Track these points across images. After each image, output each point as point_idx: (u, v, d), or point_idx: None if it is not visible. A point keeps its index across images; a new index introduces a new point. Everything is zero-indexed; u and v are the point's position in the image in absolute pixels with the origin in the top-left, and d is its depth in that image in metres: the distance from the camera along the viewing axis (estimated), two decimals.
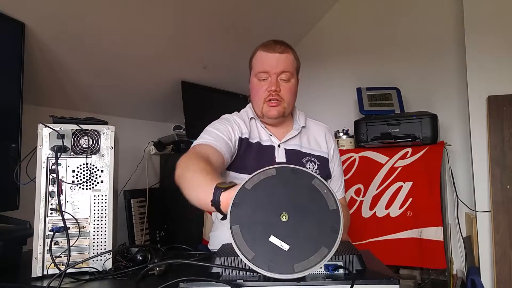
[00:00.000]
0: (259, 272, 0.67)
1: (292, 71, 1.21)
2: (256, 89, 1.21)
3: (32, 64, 1.45)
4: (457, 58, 2.36)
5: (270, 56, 1.19)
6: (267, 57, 1.19)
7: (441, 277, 2.05)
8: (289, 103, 1.22)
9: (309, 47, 2.77)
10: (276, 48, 1.19)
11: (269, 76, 1.19)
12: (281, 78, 1.19)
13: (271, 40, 1.24)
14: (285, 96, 1.20)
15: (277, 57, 1.18)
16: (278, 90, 1.18)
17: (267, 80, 1.19)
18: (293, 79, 1.23)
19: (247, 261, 0.67)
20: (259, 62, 1.21)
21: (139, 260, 1.02)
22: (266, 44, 1.22)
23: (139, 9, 1.64)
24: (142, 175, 2.15)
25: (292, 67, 1.21)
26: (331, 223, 0.70)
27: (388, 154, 2.13)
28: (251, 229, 0.69)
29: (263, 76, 1.19)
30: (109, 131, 1.03)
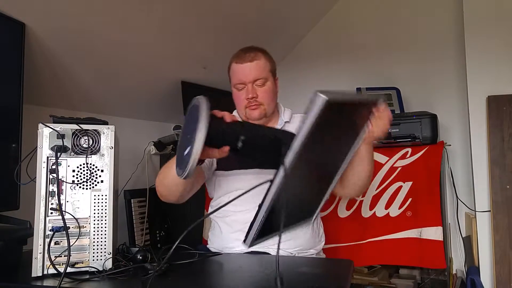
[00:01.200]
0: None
1: (265, 75, 1.28)
2: (236, 98, 1.32)
3: (32, 64, 1.45)
4: (457, 58, 2.36)
5: (242, 66, 1.27)
6: (240, 68, 1.27)
7: (440, 277, 2.05)
8: (268, 104, 1.30)
9: (309, 47, 2.77)
10: (246, 57, 1.27)
11: (245, 85, 1.27)
12: (256, 84, 1.27)
13: (241, 49, 1.32)
14: (263, 100, 1.28)
15: (248, 67, 1.26)
16: (255, 96, 1.27)
17: (244, 88, 1.28)
18: (268, 81, 1.30)
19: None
20: (234, 74, 1.30)
21: (139, 260, 1.03)
22: (237, 55, 1.30)
23: (139, 9, 1.64)
24: (142, 175, 2.15)
25: (264, 71, 1.28)
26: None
27: (388, 154, 2.13)
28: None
29: (240, 86, 1.29)
30: (109, 131, 1.03)
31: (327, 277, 0.96)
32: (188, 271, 0.97)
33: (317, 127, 0.70)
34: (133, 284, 0.91)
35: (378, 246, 2.03)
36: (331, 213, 2.18)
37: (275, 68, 1.35)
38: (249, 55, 1.27)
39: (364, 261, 2.07)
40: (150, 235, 2.06)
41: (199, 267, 1.02)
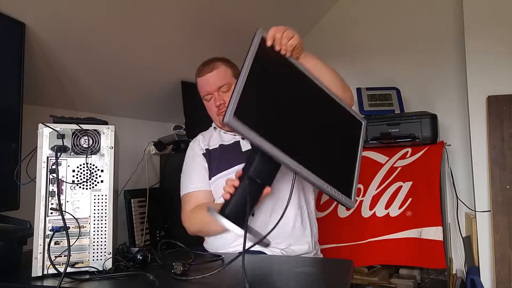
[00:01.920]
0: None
1: (228, 80, 1.35)
2: (208, 109, 1.40)
3: (32, 64, 1.45)
4: (457, 58, 2.36)
5: (204, 79, 1.36)
6: (203, 80, 1.36)
7: (440, 277, 2.05)
8: None
9: (309, 47, 2.73)
10: (206, 69, 1.36)
11: (212, 94, 1.35)
12: (221, 91, 1.35)
13: (201, 64, 1.41)
14: None
15: (209, 77, 1.34)
16: (223, 103, 1.34)
17: (212, 98, 1.36)
18: (233, 86, 1.33)
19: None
20: (200, 88, 1.39)
21: (139, 260, 1.03)
22: (198, 70, 1.39)
23: (140, 9, 1.64)
24: (142, 175, 2.15)
25: (226, 78, 1.36)
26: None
27: (388, 154, 2.13)
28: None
29: (208, 97, 1.37)
30: (109, 131, 1.03)
31: (327, 277, 0.96)
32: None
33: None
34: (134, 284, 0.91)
35: (378, 246, 2.03)
36: (331, 213, 2.18)
37: (239, 71, 1.40)
38: (208, 67, 1.35)
39: (364, 261, 2.07)
40: (150, 235, 2.06)
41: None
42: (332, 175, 1.00)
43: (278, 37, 1.06)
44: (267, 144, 0.87)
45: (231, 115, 0.83)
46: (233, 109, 0.84)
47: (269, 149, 0.87)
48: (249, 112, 0.88)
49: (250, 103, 0.89)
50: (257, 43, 1.00)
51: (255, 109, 0.91)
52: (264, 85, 0.97)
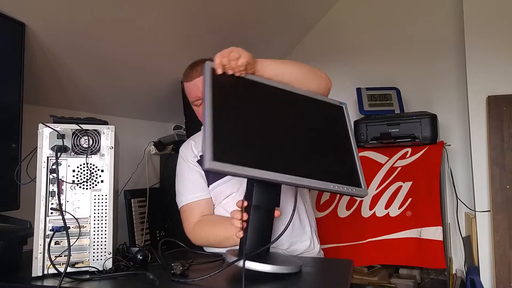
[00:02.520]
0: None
1: None
2: (198, 113, 1.35)
3: (32, 64, 1.45)
4: (457, 58, 2.36)
5: (192, 84, 1.30)
6: (191, 85, 1.31)
7: (440, 277, 2.06)
8: None
9: (309, 47, 2.77)
10: (194, 73, 1.30)
11: (201, 99, 1.29)
12: None
13: (188, 66, 1.35)
14: None
15: (198, 82, 1.28)
16: None
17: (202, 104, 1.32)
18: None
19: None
20: (189, 93, 1.34)
21: (140, 260, 1.03)
22: (185, 74, 1.34)
23: (140, 9, 1.64)
24: (142, 175, 2.15)
25: None
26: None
27: (388, 154, 2.13)
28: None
29: (197, 102, 1.31)
30: (109, 131, 1.03)
31: (327, 277, 0.96)
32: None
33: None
34: (134, 284, 0.91)
35: (378, 246, 2.03)
36: (331, 213, 2.18)
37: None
38: (196, 71, 1.30)
39: (364, 261, 2.07)
40: (150, 235, 2.06)
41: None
42: (333, 173, 0.98)
43: (225, 62, 1.01)
44: (258, 171, 0.84)
45: (210, 160, 0.80)
46: (211, 154, 0.81)
47: (263, 176, 0.85)
48: (227, 149, 0.85)
49: (224, 139, 0.86)
50: (209, 76, 0.97)
51: (232, 142, 0.88)
52: (232, 114, 0.93)
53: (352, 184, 0.98)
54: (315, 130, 1.06)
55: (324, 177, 0.94)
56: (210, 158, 0.80)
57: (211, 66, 1.00)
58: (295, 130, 1.02)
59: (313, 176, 0.92)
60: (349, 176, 1.00)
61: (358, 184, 0.99)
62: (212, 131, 0.84)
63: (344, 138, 1.09)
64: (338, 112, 1.15)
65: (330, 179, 0.94)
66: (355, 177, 1.01)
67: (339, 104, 1.17)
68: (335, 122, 1.12)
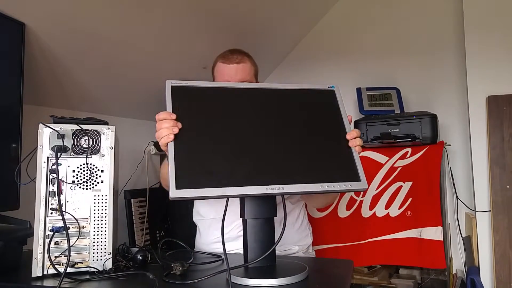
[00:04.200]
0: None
1: (250, 78, 1.30)
2: None
3: (32, 64, 1.45)
4: (457, 58, 2.36)
5: (228, 67, 1.29)
6: (226, 68, 1.29)
7: (440, 277, 2.06)
8: None
9: (309, 47, 2.77)
10: (233, 58, 1.29)
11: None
12: None
13: (228, 50, 1.34)
14: None
15: (234, 68, 1.28)
16: None
17: None
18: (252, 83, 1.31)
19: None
20: (219, 74, 1.31)
21: (139, 260, 1.03)
22: (224, 55, 1.32)
23: (139, 9, 1.64)
24: (142, 175, 2.15)
25: (249, 75, 1.31)
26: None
27: (388, 154, 2.13)
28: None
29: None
30: (109, 131, 1.03)
31: (327, 277, 0.96)
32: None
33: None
34: (134, 284, 0.91)
35: (378, 246, 2.03)
36: (331, 213, 2.18)
37: (257, 72, 1.38)
38: (236, 57, 1.29)
39: (364, 261, 2.07)
40: (150, 235, 2.06)
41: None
42: (323, 170, 0.90)
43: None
44: (222, 190, 0.81)
45: (173, 190, 0.78)
46: (174, 183, 0.79)
47: (226, 193, 0.81)
48: (190, 173, 0.82)
49: (186, 164, 0.83)
50: (169, 95, 0.92)
51: (195, 165, 0.84)
52: (194, 134, 0.88)
53: (348, 179, 0.90)
54: (298, 125, 0.96)
55: (312, 178, 0.88)
56: (173, 188, 0.79)
57: (171, 84, 0.94)
58: (272, 132, 0.94)
59: (297, 180, 0.86)
60: (344, 169, 0.92)
61: (356, 177, 0.91)
62: (174, 158, 0.83)
63: (336, 126, 0.99)
64: (328, 97, 1.04)
65: (320, 179, 0.88)
66: (352, 170, 0.92)
67: (328, 88, 1.06)
68: (325, 110, 1.01)
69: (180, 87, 0.93)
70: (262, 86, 1.02)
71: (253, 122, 0.94)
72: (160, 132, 0.88)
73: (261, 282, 0.83)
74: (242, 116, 0.94)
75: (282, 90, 1.01)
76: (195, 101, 0.93)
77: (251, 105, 0.97)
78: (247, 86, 1.01)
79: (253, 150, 0.89)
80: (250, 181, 0.84)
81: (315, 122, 0.98)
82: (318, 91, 1.04)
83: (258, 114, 0.96)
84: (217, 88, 0.97)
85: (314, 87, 1.05)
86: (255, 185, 0.84)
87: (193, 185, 0.80)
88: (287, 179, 0.86)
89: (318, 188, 0.87)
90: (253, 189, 0.83)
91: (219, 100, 0.95)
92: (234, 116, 0.93)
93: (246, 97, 0.98)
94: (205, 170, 0.84)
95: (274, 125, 0.95)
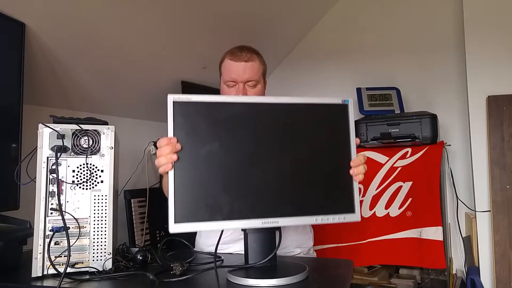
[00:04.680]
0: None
1: (258, 78, 1.28)
2: (225, 94, 1.29)
3: (32, 64, 1.45)
4: (457, 58, 2.36)
5: (236, 65, 1.25)
6: (234, 66, 1.25)
7: (440, 277, 2.06)
8: None
9: (309, 47, 2.77)
10: (242, 56, 1.25)
11: (237, 84, 1.26)
12: (247, 84, 1.26)
13: (237, 47, 1.30)
14: None
15: (243, 66, 1.24)
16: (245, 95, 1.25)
17: (235, 86, 1.26)
18: (259, 84, 1.29)
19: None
20: (227, 71, 1.27)
21: (139, 260, 1.03)
22: (233, 52, 1.28)
23: (139, 9, 1.64)
24: (142, 175, 2.15)
25: (257, 74, 1.28)
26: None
27: (388, 154, 2.13)
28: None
29: (231, 83, 1.27)
30: (109, 131, 1.03)
31: (327, 277, 0.96)
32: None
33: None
34: (134, 284, 0.91)
35: (378, 246, 2.03)
36: None
37: (266, 71, 1.36)
38: (245, 55, 1.26)
39: (364, 261, 2.07)
40: (150, 235, 2.06)
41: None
42: (318, 203, 0.92)
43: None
44: (231, 223, 0.86)
45: (172, 224, 0.83)
46: (173, 218, 0.83)
47: (236, 226, 0.86)
48: (188, 207, 0.85)
49: (184, 199, 0.85)
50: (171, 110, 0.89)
51: (192, 199, 0.86)
52: (191, 168, 0.87)
53: (343, 211, 0.92)
54: (301, 149, 0.93)
55: (307, 211, 0.90)
56: (172, 222, 0.83)
57: (173, 100, 0.89)
58: (272, 160, 0.91)
59: (292, 213, 0.89)
60: (341, 201, 0.93)
61: (351, 209, 0.93)
62: (174, 191, 0.85)
63: (342, 150, 0.95)
64: (339, 113, 0.97)
65: (314, 212, 0.90)
66: (348, 201, 0.93)
67: (342, 103, 0.98)
68: (333, 130, 0.96)
69: (183, 103, 0.89)
70: (269, 101, 0.95)
71: (255, 145, 0.92)
72: (159, 161, 0.87)
73: (261, 282, 0.84)
74: (244, 138, 0.91)
75: (290, 105, 0.95)
76: (197, 119, 0.90)
77: (255, 124, 0.93)
78: (253, 101, 0.95)
79: (251, 182, 0.90)
80: (246, 215, 0.88)
81: (320, 144, 0.95)
82: (330, 106, 0.97)
83: (261, 136, 0.92)
84: (221, 103, 0.92)
85: (327, 101, 0.97)
86: (251, 218, 0.87)
87: (191, 219, 0.85)
88: (282, 212, 0.90)
89: (312, 220, 0.91)
90: (249, 223, 0.88)
91: (222, 117, 0.91)
92: (236, 139, 0.91)
93: (251, 114, 0.93)
94: (202, 204, 0.86)
95: (275, 149, 0.92)
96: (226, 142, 0.90)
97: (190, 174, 0.87)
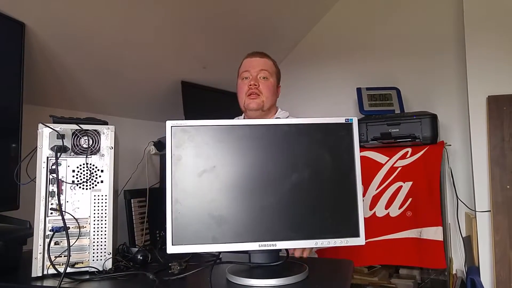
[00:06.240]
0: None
1: (271, 71, 1.41)
2: (240, 88, 1.43)
3: (32, 64, 1.45)
4: (457, 58, 2.36)
5: (251, 60, 1.42)
6: (249, 61, 1.43)
7: (440, 277, 2.06)
8: (267, 98, 1.40)
9: (309, 47, 2.77)
10: (256, 54, 1.42)
11: (250, 75, 1.40)
12: (260, 76, 1.39)
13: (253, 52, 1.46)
14: (263, 91, 1.39)
15: (257, 59, 1.41)
16: (257, 85, 1.38)
17: (249, 78, 1.40)
18: (272, 78, 1.42)
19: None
20: (242, 67, 1.44)
21: (139, 260, 1.03)
22: (249, 53, 1.45)
23: (139, 9, 1.64)
24: (142, 175, 2.15)
25: (270, 68, 1.42)
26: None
27: (388, 154, 2.13)
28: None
29: (245, 75, 1.41)
30: (109, 131, 1.03)
31: (327, 277, 0.96)
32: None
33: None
34: (134, 284, 0.91)
35: (378, 246, 2.03)
36: None
37: (280, 76, 1.47)
38: (260, 54, 1.42)
39: (364, 261, 2.07)
40: (150, 235, 2.06)
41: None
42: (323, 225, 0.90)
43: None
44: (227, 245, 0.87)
45: (170, 245, 0.85)
46: (170, 240, 0.85)
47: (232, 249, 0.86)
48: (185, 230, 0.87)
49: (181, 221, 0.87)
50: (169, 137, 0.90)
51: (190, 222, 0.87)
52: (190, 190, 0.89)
53: (347, 235, 0.89)
54: (303, 170, 0.91)
55: (307, 234, 0.88)
56: (170, 244, 0.85)
57: (171, 125, 0.91)
58: (272, 181, 0.90)
59: (291, 237, 0.88)
60: (344, 224, 0.90)
61: (355, 232, 0.89)
62: (171, 216, 0.87)
63: (346, 170, 0.92)
64: (343, 133, 0.93)
65: (315, 235, 0.88)
66: (353, 224, 0.90)
67: (346, 122, 0.94)
68: (337, 151, 0.93)
69: (181, 128, 0.90)
70: (269, 123, 0.94)
71: (254, 168, 0.90)
72: None
73: (262, 282, 0.84)
74: (242, 162, 0.90)
75: (291, 125, 0.93)
76: (195, 145, 0.90)
77: (254, 146, 0.91)
78: (252, 123, 0.93)
79: (249, 205, 0.89)
80: (242, 238, 0.88)
81: (324, 165, 0.92)
82: (334, 125, 0.94)
83: (261, 158, 0.91)
84: (219, 127, 0.91)
85: (330, 120, 0.94)
86: (247, 241, 0.88)
87: (188, 241, 0.86)
88: (281, 235, 0.89)
89: (312, 244, 0.89)
90: (245, 246, 0.88)
91: (220, 142, 0.91)
92: (233, 163, 0.90)
93: (250, 137, 0.92)
94: (199, 228, 0.87)
95: (276, 172, 0.91)
96: (224, 164, 0.90)
97: (188, 197, 0.88)
